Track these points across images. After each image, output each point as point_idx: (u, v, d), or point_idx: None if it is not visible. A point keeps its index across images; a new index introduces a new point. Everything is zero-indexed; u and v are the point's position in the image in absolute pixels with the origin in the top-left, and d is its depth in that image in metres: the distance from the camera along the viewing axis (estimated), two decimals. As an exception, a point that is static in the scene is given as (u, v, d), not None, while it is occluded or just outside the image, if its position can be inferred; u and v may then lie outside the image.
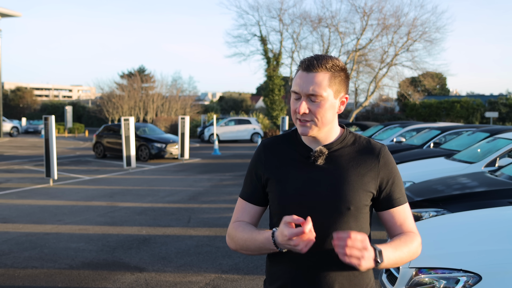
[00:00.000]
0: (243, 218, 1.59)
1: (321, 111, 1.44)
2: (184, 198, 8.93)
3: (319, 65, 1.43)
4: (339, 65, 1.45)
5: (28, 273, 4.71)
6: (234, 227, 1.57)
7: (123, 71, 54.36)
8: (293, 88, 1.47)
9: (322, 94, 1.43)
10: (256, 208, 1.59)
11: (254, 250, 1.49)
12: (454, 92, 56.69)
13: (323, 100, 1.44)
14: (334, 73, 1.44)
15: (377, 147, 1.53)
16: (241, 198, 1.61)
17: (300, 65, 1.47)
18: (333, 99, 1.46)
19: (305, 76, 1.44)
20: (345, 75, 1.48)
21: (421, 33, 29.03)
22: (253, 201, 1.58)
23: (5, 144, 24.89)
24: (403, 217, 1.52)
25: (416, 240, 1.49)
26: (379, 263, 1.34)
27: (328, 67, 1.43)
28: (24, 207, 8.05)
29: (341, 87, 1.48)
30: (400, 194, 1.52)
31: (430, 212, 4.49)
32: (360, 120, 33.97)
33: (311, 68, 1.43)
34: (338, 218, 1.45)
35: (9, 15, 31.31)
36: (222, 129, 25.91)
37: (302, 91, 1.44)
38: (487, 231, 3.17)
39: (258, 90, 63.33)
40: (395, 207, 1.51)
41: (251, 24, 39.23)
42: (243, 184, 1.64)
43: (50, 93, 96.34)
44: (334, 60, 1.45)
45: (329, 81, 1.43)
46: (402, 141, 11.95)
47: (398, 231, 1.52)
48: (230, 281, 4.50)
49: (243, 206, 1.60)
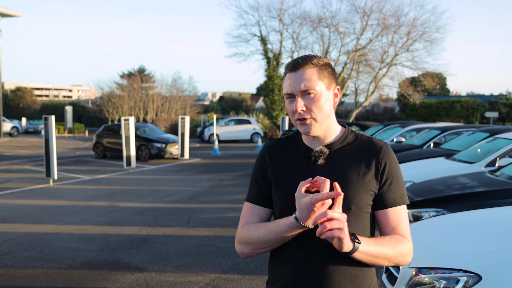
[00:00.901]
0: (252, 221, 1.56)
1: (317, 105, 1.45)
2: (184, 198, 8.93)
3: (305, 63, 1.46)
4: (323, 60, 1.49)
5: (28, 273, 4.71)
6: (244, 229, 1.53)
7: (123, 71, 54.42)
8: (285, 91, 1.49)
9: (315, 87, 1.45)
10: (265, 210, 1.57)
11: (274, 240, 1.45)
12: (454, 92, 56.68)
13: (317, 94, 1.45)
14: (320, 67, 1.47)
15: (379, 145, 1.52)
16: (247, 202, 1.59)
17: (286, 68, 1.50)
18: (326, 91, 1.48)
19: (294, 75, 1.46)
20: (331, 69, 1.50)
21: (421, 33, 29.05)
22: (261, 203, 1.57)
23: (5, 144, 24.89)
24: (397, 220, 1.48)
25: (405, 244, 1.45)
26: (358, 243, 1.33)
27: (313, 62, 1.46)
28: (24, 207, 8.05)
29: (331, 80, 1.50)
30: (397, 195, 1.49)
31: (430, 212, 4.48)
32: (360, 120, 33.97)
33: (298, 67, 1.46)
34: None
35: (9, 15, 31.31)
36: (222, 129, 25.92)
37: (295, 90, 1.46)
38: (487, 231, 3.17)
39: (258, 90, 63.36)
40: (389, 208, 1.48)
41: (251, 24, 39.27)
42: (249, 188, 1.63)
43: (50, 93, 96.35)
44: (317, 57, 1.48)
45: (318, 75, 1.46)
46: (402, 141, 11.95)
47: (389, 234, 1.48)
48: (230, 281, 4.50)
49: (251, 209, 1.58)
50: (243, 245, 1.53)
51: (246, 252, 1.53)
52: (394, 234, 1.48)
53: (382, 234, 1.52)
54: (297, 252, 1.46)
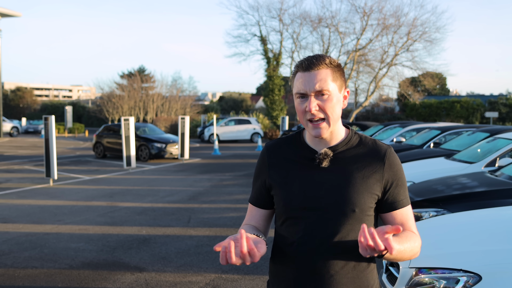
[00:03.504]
0: (249, 222, 1.62)
1: (330, 106, 1.44)
2: (184, 198, 8.93)
3: (319, 63, 1.44)
4: (336, 61, 1.49)
5: (28, 273, 4.71)
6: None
7: (123, 71, 54.43)
8: (298, 90, 1.46)
9: (329, 88, 1.44)
10: (262, 212, 1.61)
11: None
12: (454, 92, 56.67)
13: (330, 95, 1.44)
14: (333, 68, 1.46)
15: (383, 149, 1.52)
16: (249, 203, 1.65)
17: (298, 66, 1.47)
18: (338, 93, 1.48)
19: (308, 75, 1.44)
20: (342, 70, 1.51)
21: (421, 33, 29.05)
22: (258, 205, 1.61)
23: (5, 144, 24.89)
24: (405, 218, 1.51)
25: (418, 240, 1.47)
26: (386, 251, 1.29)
27: (327, 63, 1.45)
28: (24, 207, 8.05)
29: (342, 82, 1.50)
30: (404, 196, 1.51)
31: (430, 212, 4.48)
32: (360, 120, 33.95)
33: (312, 67, 1.44)
34: (342, 220, 1.44)
35: (9, 15, 31.31)
36: (222, 129, 25.91)
37: (309, 90, 1.44)
38: (487, 231, 3.16)
39: (258, 90, 63.34)
40: (397, 210, 1.50)
41: (251, 24, 39.27)
42: (252, 188, 1.67)
43: (50, 93, 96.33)
44: (330, 58, 1.48)
45: (332, 76, 1.45)
46: (402, 141, 11.95)
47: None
48: (230, 281, 4.50)
49: (251, 210, 1.64)
50: None
51: None
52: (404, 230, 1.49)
53: None
54: (300, 254, 1.46)
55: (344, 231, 1.43)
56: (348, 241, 1.44)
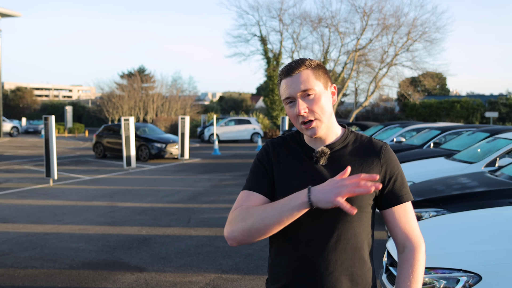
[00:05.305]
0: (248, 204, 1.48)
1: (319, 105, 1.47)
2: (184, 198, 8.93)
3: (298, 66, 1.47)
4: (315, 61, 1.51)
5: (28, 273, 4.71)
6: (241, 209, 1.45)
7: (123, 71, 54.46)
8: (284, 96, 1.49)
9: (314, 87, 1.46)
10: (264, 199, 1.49)
11: (273, 217, 1.36)
12: (454, 92, 56.67)
13: (316, 94, 1.47)
14: (314, 68, 1.49)
15: (379, 145, 1.55)
16: (244, 190, 1.52)
17: (280, 74, 1.51)
18: (325, 90, 1.50)
19: (290, 79, 1.47)
20: (324, 68, 1.52)
21: (421, 33, 29.03)
22: (260, 191, 1.50)
23: (5, 144, 24.89)
24: (406, 217, 1.52)
25: (422, 257, 1.53)
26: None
27: (306, 64, 1.48)
28: (24, 207, 8.05)
29: (326, 79, 1.52)
30: (404, 192, 1.52)
31: (430, 212, 4.49)
32: (360, 120, 33.97)
33: (293, 71, 1.47)
34: (340, 217, 1.45)
35: (9, 15, 31.31)
36: (222, 129, 25.91)
37: (294, 92, 1.46)
38: (487, 231, 3.17)
39: (258, 90, 63.38)
40: (397, 205, 1.51)
41: (251, 24, 39.23)
42: (246, 181, 1.57)
43: (50, 93, 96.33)
44: (308, 59, 1.51)
45: (314, 75, 1.48)
46: (402, 141, 11.96)
47: (401, 234, 1.52)
48: (230, 281, 4.50)
49: (247, 194, 1.51)
50: (239, 223, 1.42)
51: (237, 235, 1.42)
52: (406, 234, 1.52)
53: (392, 234, 1.55)
54: (299, 251, 1.47)
55: (342, 228, 1.45)
56: (347, 238, 1.45)
